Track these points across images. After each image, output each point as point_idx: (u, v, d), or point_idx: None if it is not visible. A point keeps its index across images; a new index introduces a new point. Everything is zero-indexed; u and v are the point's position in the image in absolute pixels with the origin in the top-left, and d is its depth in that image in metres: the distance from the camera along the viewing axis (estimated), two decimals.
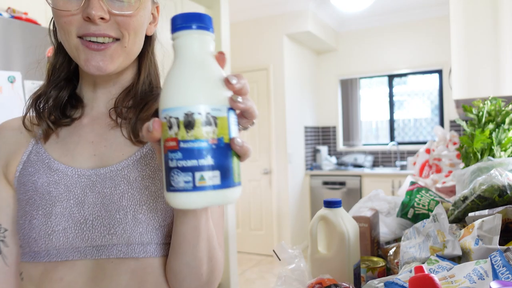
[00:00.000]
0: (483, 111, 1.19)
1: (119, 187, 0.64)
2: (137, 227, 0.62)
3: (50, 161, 0.67)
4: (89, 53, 0.62)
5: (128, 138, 0.68)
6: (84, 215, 0.63)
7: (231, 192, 0.46)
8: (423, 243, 0.83)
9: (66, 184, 0.65)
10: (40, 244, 0.62)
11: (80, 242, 0.62)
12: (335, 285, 0.74)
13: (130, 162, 0.66)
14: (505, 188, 0.85)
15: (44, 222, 0.62)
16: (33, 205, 0.64)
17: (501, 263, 0.62)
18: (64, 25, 0.62)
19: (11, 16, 1.85)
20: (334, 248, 0.85)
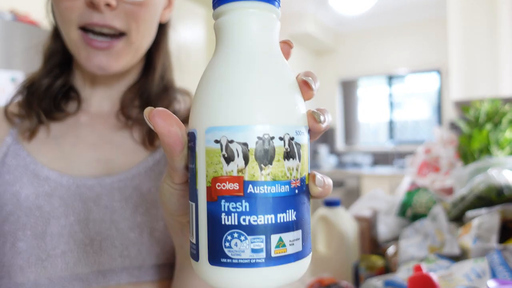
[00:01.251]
0: (481, 111, 1.20)
1: (131, 200, 0.53)
2: (154, 247, 0.52)
3: (36, 167, 0.52)
4: (91, 50, 0.52)
5: (141, 142, 0.57)
6: (90, 235, 0.51)
7: (306, 262, 0.31)
8: (421, 242, 0.84)
9: (62, 196, 0.51)
10: (27, 273, 0.48)
11: (83, 268, 0.50)
12: (334, 284, 0.75)
13: (141, 170, 0.55)
14: (502, 188, 0.85)
15: (35, 245, 0.49)
16: (16, 223, 0.49)
17: (498, 262, 0.62)
18: (64, 11, 0.51)
19: (13, 18, 1.85)
20: (333, 247, 0.85)
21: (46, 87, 0.57)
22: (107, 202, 0.52)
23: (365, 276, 0.92)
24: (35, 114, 0.54)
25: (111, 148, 0.57)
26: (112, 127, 0.58)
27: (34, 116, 0.54)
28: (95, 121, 0.58)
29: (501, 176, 0.87)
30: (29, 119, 0.54)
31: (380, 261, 0.95)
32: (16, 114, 0.55)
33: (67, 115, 0.58)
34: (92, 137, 0.57)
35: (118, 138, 0.58)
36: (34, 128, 0.54)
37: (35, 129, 0.54)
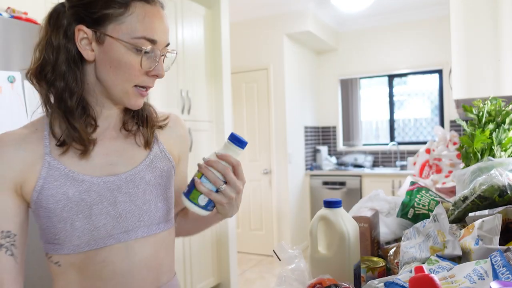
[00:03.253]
0: (483, 111, 1.19)
1: (140, 186, 0.82)
2: (158, 212, 0.85)
3: (74, 174, 0.78)
4: (139, 97, 0.80)
5: (143, 145, 0.86)
6: (119, 211, 0.80)
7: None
8: (423, 243, 0.83)
9: (96, 190, 0.78)
10: (83, 238, 0.77)
11: (115, 230, 0.80)
12: (335, 285, 0.74)
13: (143, 167, 0.84)
14: (505, 188, 0.84)
15: (86, 222, 0.77)
16: (70, 211, 0.76)
17: (501, 263, 0.62)
18: (130, 76, 0.77)
19: (10, 16, 1.84)
20: (334, 248, 0.85)
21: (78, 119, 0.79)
22: (125, 190, 0.81)
23: (366, 278, 0.91)
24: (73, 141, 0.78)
25: (117, 155, 0.84)
26: (112, 139, 0.84)
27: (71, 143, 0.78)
28: (101, 137, 0.83)
29: (504, 177, 0.86)
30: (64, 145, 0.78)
31: (381, 262, 0.94)
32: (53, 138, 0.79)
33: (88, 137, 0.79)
34: (102, 149, 0.82)
35: (119, 147, 0.84)
36: (65, 150, 0.78)
37: (66, 150, 0.78)
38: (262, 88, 4.68)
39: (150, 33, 0.75)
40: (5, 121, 1.70)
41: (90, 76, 0.79)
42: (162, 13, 0.79)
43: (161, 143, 0.90)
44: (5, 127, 1.70)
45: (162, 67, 0.79)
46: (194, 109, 3.18)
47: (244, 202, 4.78)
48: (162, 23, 0.78)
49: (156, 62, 0.77)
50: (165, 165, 0.88)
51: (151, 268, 0.84)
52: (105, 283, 0.80)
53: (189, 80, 3.17)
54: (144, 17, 0.75)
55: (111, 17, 0.74)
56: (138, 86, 0.79)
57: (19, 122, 1.76)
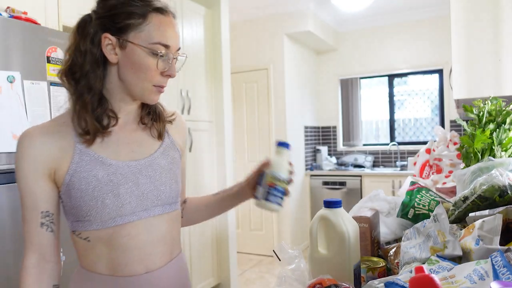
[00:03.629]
0: (483, 111, 1.19)
1: (157, 170, 0.96)
2: (172, 193, 0.98)
3: (102, 159, 0.90)
4: (157, 94, 0.94)
5: (156, 137, 1.00)
6: (141, 191, 0.93)
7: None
8: (423, 243, 0.83)
9: (122, 173, 0.91)
10: (111, 214, 0.89)
11: (138, 208, 0.92)
12: (335, 285, 0.74)
13: (158, 154, 0.98)
14: (505, 188, 0.84)
15: (115, 200, 0.89)
16: (100, 191, 0.88)
17: (501, 264, 0.61)
18: (147, 76, 0.90)
19: (10, 16, 1.84)
20: (334, 248, 0.84)
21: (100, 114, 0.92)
22: (145, 173, 0.94)
23: (366, 278, 0.91)
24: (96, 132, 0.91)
25: (136, 144, 0.97)
26: (132, 131, 0.98)
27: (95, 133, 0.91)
28: (123, 128, 0.96)
29: (504, 177, 0.86)
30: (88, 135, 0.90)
31: (382, 262, 0.94)
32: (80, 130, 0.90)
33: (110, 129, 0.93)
34: (125, 139, 0.96)
35: (138, 137, 0.98)
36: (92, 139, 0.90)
37: (93, 140, 0.91)
38: (262, 88, 4.68)
39: (164, 39, 0.89)
40: (4, 121, 1.70)
41: (113, 76, 0.92)
42: (174, 22, 0.93)
43: (170, 135, 1.05)
44: (5, 126, 1.70)
45: (174, 68, 0.92)
46: (194, 109, 3.18)
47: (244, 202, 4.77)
48: (174, 30, 0.92)
49: (169, 64, 0.91)
50: (175, 154, 1.03)
51: (166, 241, 0.97)
52: (129, 254, 0.92)
53: (189, 80, 3.16)
54: (159, 25, 0.89)
55: (132, 26, 0.88)
56: (155, 85, 0.92)
57: (18, 122, 1.76)
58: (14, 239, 1.75)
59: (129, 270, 0.92)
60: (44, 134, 0.89)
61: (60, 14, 2.22)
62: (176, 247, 1.02)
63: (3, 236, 1.71)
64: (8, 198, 1.74)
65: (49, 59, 1.89)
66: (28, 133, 0.89)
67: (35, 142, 0.88)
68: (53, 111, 1.89)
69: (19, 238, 1.77)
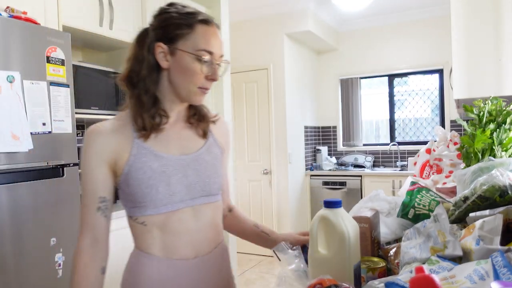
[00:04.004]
0: (484, 111, 1.19)
1: (202, 164, 1.08)
2: (214, 185, 1.10)
3: (156, 152, 1.03)
4: (202, 95, 1.05)
5: (201, 135, 1.12)
6: (189, 181, 1.05)
7: None
8: (423, 244, 0.83)
9: (173, 165, 1.03)
10: (164, 202, 1.01)
11: (186, 197, 1.04)
12: (335, 285, 0.74)
13: (203, 150, 1.10)
14: (506, 188, 0.84)
15: (167, 189, 1.01)
16: (155, 180, 1.00)
17: (502, 264, 0.61)
18: (193, 79, 1.02)
19: (10, 16, 1.84)
20: (334, 248, 0.84)
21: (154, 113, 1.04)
22: (192, 166, 1.06)
23: (367, 278, 0.90)
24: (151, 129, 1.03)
25: (184, 140, 1.09)
26: (181, 129, 1.11)
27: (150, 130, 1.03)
28: (173, 126, 1.09)
29: (505, 177, 0.86)
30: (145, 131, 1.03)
31: (382, 262, 0.94)
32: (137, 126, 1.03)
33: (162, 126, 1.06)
34: (174, 135, 1.08)
35: (185, 135, 1.10)
36: (148, 135, 1.03)
37: (148, 136, 1.03)
38: (262, 88, 4.68)
39: (208, 46, 1.01)
40: (4, 121, 1.69)
41: (165, 80, 1.05)
42: (217, 31, 1.04)
43: (213, 134, 1.16)
44: (5, 126, 1.70)
45: (217, 73, 1.03)
46: None
47: (244, 202, 4.78)
48: (217, 39, 1.03)
49: (213, 68, 1.02)
50: (217, 151, 1.14)
51: (212, 227, 1.10)
52: (180, 238, 1.04)
53: None
54: (204, 34, 1.01)
55: (181, 36, 1.00)
56: (199, 87, 1.03)
57: (18, 122, 1.76)
58: (14, 239, 1.75)
59: (180, 254, 1.04)
60: (108, 130, 1.03)
61: (60, 14, 2.22)
62: (221, 234, 1.15)
63: (3, 236, 1.71)
64: (8, 198, 1.73)
65: (48, 59, 1.89)
66: (94, 129, 1.03)
67: (100, 136, 1.02)
68: (53, 111, 1.89)
69: (19, 238, 1.77)
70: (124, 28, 2.67)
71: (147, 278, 1.04)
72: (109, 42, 2.70)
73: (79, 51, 2.89)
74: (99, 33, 2.50)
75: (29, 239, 1.80)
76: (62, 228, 1.93)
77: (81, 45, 2.82)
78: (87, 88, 2.49)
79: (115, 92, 2.70)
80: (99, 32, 2.50)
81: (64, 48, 1.97)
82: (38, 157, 1.85)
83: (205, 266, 1.07)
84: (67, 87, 1.96)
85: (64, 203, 1.96)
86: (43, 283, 1.85)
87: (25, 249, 1.78)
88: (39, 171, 1.87)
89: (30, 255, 1.81)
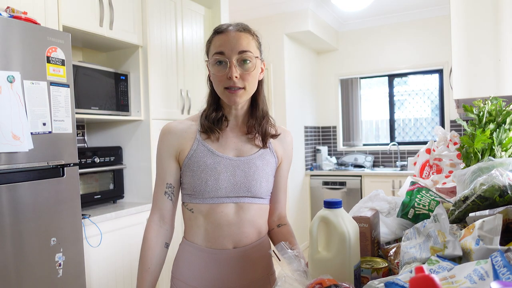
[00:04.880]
0: (483, 111, 1.19)
1: (252, 168, 1.19)
2: (261, 188, 1.19)
3: (213, 151, 1.18)
4: (229, 95, 1.14)
5: (258, 145, 1.23)
6: (236, 180, 1.17)
7: None
8: (423, 244, 0.83)
9: (224, 164, 1.17)
10: (211, 194, 1.15)
11: (231, 193, 1.16)
12: (335, 285, 0.74)
13: (256, 156, 1.21)
14: (506, 188, 0.84)
15: (215, 183, 1.15)
16: (207, 173, 1.15)
17: (502, 264, 0.61)
18: (218, 82, 1.15)
19: (10, 16, 1.84)
20: (334, 248, 0.84)
21: (214, 117, 1.20)
22: (242, 168, 1.18)
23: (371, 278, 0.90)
24: (216, 132, 1.19)
25: (240, 144, 1.22)
26: (239, 133, 1.23)
27: (215, 132, 1.19)
28: (231, 130, 1.23)
29: (505, 177, 0.86)
30: (207, 132, 1.19)
31: (385, 263, 0.94)
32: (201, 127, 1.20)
33: (222, 129, 1.21)
34: (232, 139, 1.22)
35: (243, 139, 1.23)
36: (208, 136, 1.19)
37: (210, 136, 1.19)
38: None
39: (218, 48, 1.14)
40: (4, 121, 1.69)
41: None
42: (232, 34, 1.14)
43: (271, 143, 1.26)
44: (5, 126, 1.70)
45: (231, 70, 1.12)
46: (194, 109, 3.17)
47: None
48: (229, 40, 1.13)
49: (227, 67, 1.12)
50: (271, 159, 1.24)
51: (253, 224, 1.20)
52: (222, 229, 1.16)
53: (189, 80, 3.16)
54: (216, 41, 1.15)
55: (207, 50, 1.19)
56: (225, 88, 1.14)
57: (18, 122, 1.76)
58: (14, 239, 1.75)
59: (220, 244, 1.17)
60: (178, 127, 1.21)
61: (60, 14, 2.22)
62: (261, 233, 1.24)
63: (3, 236, 1.71)
64: (8, 198, 1.73)
65: (49, 59, 1.89)
66: (167, 127, 1.22)
67: (170, 134, 1.20)
68: (53, 111, 1.89)
69: (19, 238, 1.77)
70: (124, 28, 2.67)
71: (191, 264, 1.19)
72: (109, 42, 2.71)
73: (79, 51, 2.89)
74: (99, 33, 2.51)
75: (29, 239, 1.80)
76: (62, 228, 1.93)
77: (81, 45, 2.82)
78: (87, 88, 2.49)
79: (115, 92, 2.70)
80: (99, 32, 2.50)
81: (64, 48, 1.97)
82: (38, 157, 1.85)
83: (243, 257, 1.18)
84: (67, 87, 1.97)
85: (64, 203, 1.96)
86: (43, 283, 1.85)
87: (25, 249, 1.78)
88: (39, 171, 1.87)
89: (30, 255, 1.81)
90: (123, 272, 2.52)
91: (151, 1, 2.84)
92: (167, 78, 2.98)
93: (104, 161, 2.68)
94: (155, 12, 2.88)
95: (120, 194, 2.80)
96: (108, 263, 2.41)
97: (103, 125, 3.01)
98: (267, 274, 1.26)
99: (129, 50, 2.87)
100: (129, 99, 2.82)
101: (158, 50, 2.91)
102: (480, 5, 1.52)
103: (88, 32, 2.44)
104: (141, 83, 2.82)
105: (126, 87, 2.80)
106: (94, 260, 2.31)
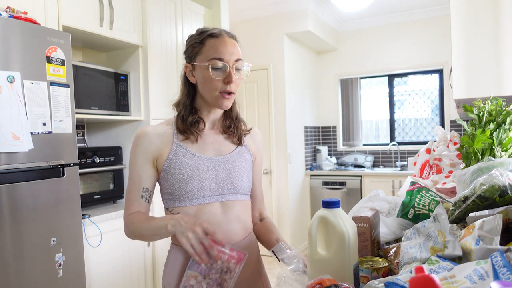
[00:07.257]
0: (483, 111, 1.19)
1: (232, 165, 1.22)
2: (243, 184, 1.24)
3: (193, 153, 1.19)
4: (224, 100, 1.18)
5: (235, 143, 1.28)
6: (219, 179, 1.19)
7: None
8: (423, 244, 0.83)
9: (206, 164, 1.19)
10: (197, 194, 1.17)
11: (215, 192, 1.19)
12: (335, 285, 0.74)
13: (234, 154, 1.25)
14: (506, 188, 0.84)
15: (199, 183, 1.17)
16: (189, 175, 1.16)
17: (501, 264, 0.61)
18: (213, 86, 1.17)
19: (10, 16, 1.84)
20: (333, 248, 0.84)
21: (191, 121, 1.22)
22: (223, 166, 1.21)
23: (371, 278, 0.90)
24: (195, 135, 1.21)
25: (218, 144, 1.25)
26: (215, 134, 1.27)
27: (194, 135, 1.21)
28: (209, 132, 1.26)
29: (505, 177, 0.86)
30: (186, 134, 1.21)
31: (385, 262, 0.94)
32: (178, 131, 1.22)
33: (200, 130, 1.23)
34: (210, 139, 1.25)
35: (219, 139, 1.26)
36: (187, 138, 1.21)
37: (188, 137, 1.21)
38: (262, 88, 4.68)
39: (217, 54, 1.15)
40: (4, 121, 1.69)
41: (198, 93, 1.23)
42: (228, 40, 1.18)
43: (245, 142, 1.31)
44: (5, 126, 1.70)
45: (231, 75, 1.15)
46: None
47: None
48: (227, 46, 1.17)
49: (226, 73, 1.16)
50: (247, 156, 1.29)
51: (239, 221, 1.23)
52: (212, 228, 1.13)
53: None
54: (213, 45, 1.16)
55: (197, 53, 1.19)
56: (220, 92, 1.17)
57: (18, 122, 1.76)
58: (14, 239, 1.75)
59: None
60: (154, 131, 1.21)
61: (60, 14, 2.22)
62: (248, 229, 1.28)
63: (3, 236, 1.71)
64: (8, 198, 1.73)
65: (49, 59, 1.89)
66: (143, 130, 1.21)
67: (147, 136, 1.20)
68: (53, 111, 1.89)
69: (19, 238, 1.77)
70: (124, 28, 2.67)
71: (183, 267, 1.17)
72: (109, 42, 2.71)
73: (79, 51, 2.89)
74: (99, 33, 2.51)
75: (29, 239, 1.80)
76: (62, 228, 1.93)
77: (81, 45, 2.82)
78: (87, 88, 2.49)
79: (115, 92, 2.70)
80: (99, 32, 2.50)
81: (64, 48, 1.97)
82: (38, 157, 1.85)
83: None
84: (67, 87, 1.96)
85: (64, 203, 1.96)
86: (43, 283, 1.85)
87: (25, 249, 1.78)
88: (39, 171, 1.87)
89: (30, 255, 1.81)
90: (123, 272, 2.52)
91: (151, 1, 2.84)
92: (167, 78, 2.98)
93: (104, 161, 2.68)
94: (155, 12, 2.88)
95: (120, 194, 2.80)
96: (108, 263, 2.41)
97: (103, 125, 3.01)
98: (258, 268, 1.34)
99: (129, 50, 2.87)
100: (129, 99, 2.82)
101: (158, 50, 2.91)
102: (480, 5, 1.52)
103: (88, 32, 2.44)
104: (141, 83, 2.82)
105: (126, 87, 2.80)
106: (94, 260, 2.31)
